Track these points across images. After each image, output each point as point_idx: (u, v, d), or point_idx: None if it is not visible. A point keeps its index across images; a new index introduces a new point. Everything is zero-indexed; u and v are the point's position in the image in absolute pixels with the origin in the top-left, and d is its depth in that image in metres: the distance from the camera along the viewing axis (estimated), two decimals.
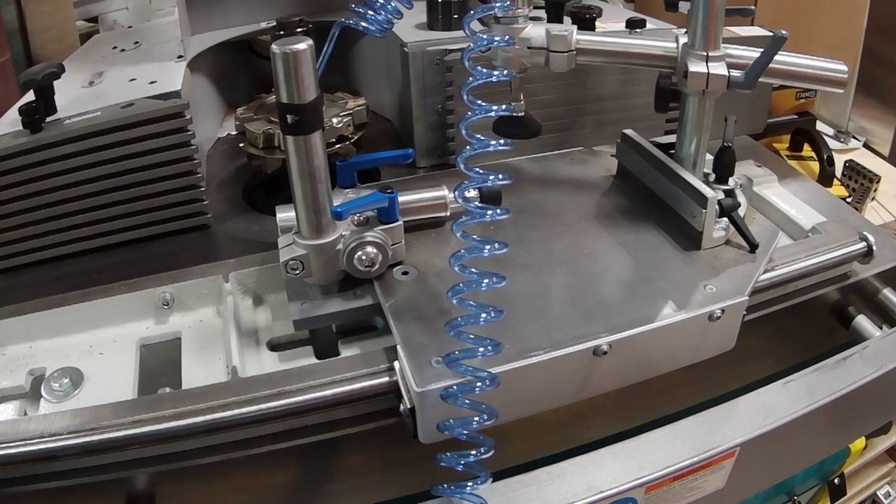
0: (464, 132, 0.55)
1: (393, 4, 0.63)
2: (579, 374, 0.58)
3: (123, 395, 0.63)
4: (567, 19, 0.87)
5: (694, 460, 0.66)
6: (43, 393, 0.63)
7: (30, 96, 0.80)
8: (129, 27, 1.35)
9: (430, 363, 0.55)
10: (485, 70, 0.57)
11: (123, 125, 0.76)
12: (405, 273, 0.67)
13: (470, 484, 0.53)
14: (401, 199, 0.66)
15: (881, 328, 0.76)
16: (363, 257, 0.63)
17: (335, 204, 0.62)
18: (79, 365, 0.66)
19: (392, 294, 0.64)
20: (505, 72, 0.59)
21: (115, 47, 1.07)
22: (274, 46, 0.54)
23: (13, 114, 0.80)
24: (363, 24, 0.63)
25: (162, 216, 0.82)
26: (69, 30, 1.35)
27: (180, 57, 0.95)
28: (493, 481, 0.56)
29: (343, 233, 0.63)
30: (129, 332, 0.71)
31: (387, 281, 0.66)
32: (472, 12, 0.59)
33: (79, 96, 0.85)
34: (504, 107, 0.57)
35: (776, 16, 1.38)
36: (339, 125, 0.86)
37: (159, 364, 0.68)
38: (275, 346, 0.69)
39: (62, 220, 0.79)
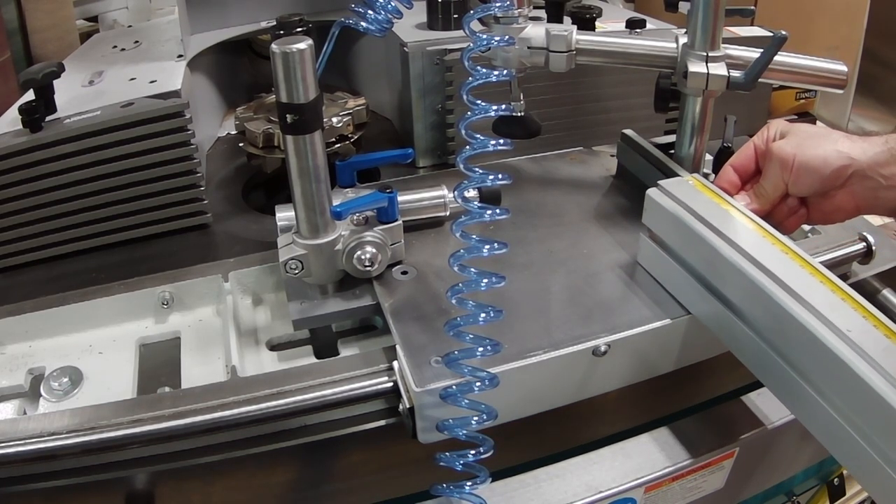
0: (463, 132, 0.55)
1: (393, 4, 0.63)
2: (579, 374, 0.58)
3: (123, 394, 0.63)
4: (567, 19, 0.87)
5: (694, 460, 0.66)
6: (42, 392, 0.63)
7: (30, 95, 0.80)
8: (129, 26, 1.35)
9: (430, 363, 0.55)
10: (484, 70, 0.57)
11: (123, 124, 0.76)
12: (404, 273, 0.67)
13: (469, 483, 0.53)
14: (400, 198, 0.66)
15: None
16: (362, 257, 0.63)
17: (334, 204, 0.62)
18: (78, 364, 0.66)
19: (391, 294, 0.64)
20: (504, 72, 0.59)
21: (115, 46, 1.07)
22: (274, 46, 0.54)
23: (13, 113, 0.80)
24: (363, 23, 0.63)
25: (161, 216, 0.82)
26: (69, 29, 1.34)
27: (180, 56, 0.95)
28: (493, 481, 0.56)
29: (342, 232, 0.63)
30: (129, 332, 0.71)
31: (386, 281, 0.66)
32: (471, 12, 0.59)
33: (79, 95, 0.85)
34: (504, 107, 0.57)
35: (776, 16, 1.38)
36: (339, 125, 0.86)
37: (159, 363, 0.68)
38: (274, 346, 0.69)
39: (62, 220, 0.79)
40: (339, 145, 0.86)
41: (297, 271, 0.62)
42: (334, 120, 0.85)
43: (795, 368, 0.51)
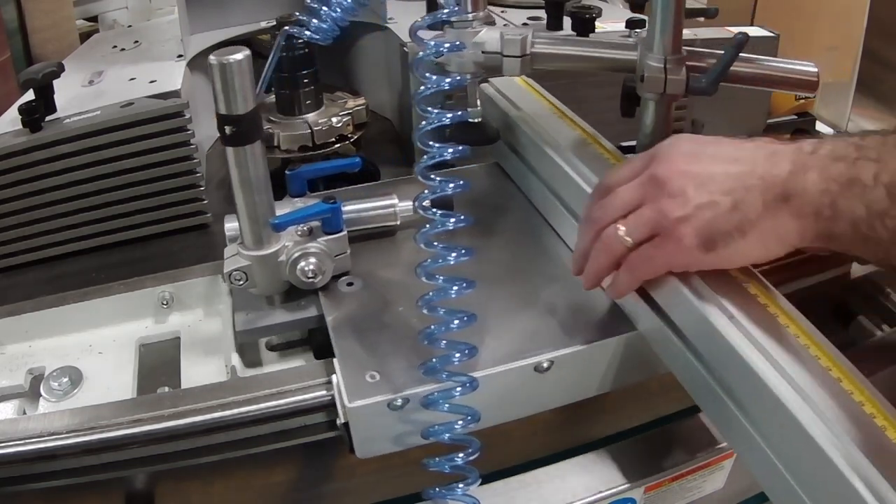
0: (418, 143, 0.53)
1: (338, 13, 0.62)
2: (522, 391, 0.57)
3: (122, 394, 0.63)
4: (567, 19, 0.87)
5: (694, 460, 0.66)
6: (42, 392, 0.63)
7: (29, 95, 0.79)
8: (129, 26, 1.35)
9: (365, 378, 0.53)
10: (435, 77, 0.54)
11: (123, 124, 0.76)
12: (350, 284, 0.65)
13: (461, 486, 0.53)
14: (348, 208, 0.66)
15: (881, 328, 0.76)
16: (305, 268, 0.62)
17: (283, 213, 0.61)
18: (78, 364, 0.66)
19: (336, 305, 0.62)
20: (458, 78, 0.56)
21: (114, 46, 1.07)
22: (211, 57, 0.53)
23: (13, 113, 0.80)
24: (307, 32, 0.62)
25: (161, 216, 0.82)
26: (69, 29, 1.34)
27: (180, 56, 0.95)
28: (494, 481, 0.56)
29: (286, 243, 0.62)
30: (129, 332, 0.71)
31: (331, 292, 0.64)
32: (421, 19, 0.57)
33: (78, 95, 0.85)
34: (459, 113, 0.54)
35: (776, 16, 1.38)
36: (339, 125, 0.86)
37: (158, 363, 0.68)
38: (274, 346, 0.69)
39: (62, 220, 0.79)
40: (338, 145, 0.86)
41: (241, 282, 0.62)
42: (334, 120, 0.85)
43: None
